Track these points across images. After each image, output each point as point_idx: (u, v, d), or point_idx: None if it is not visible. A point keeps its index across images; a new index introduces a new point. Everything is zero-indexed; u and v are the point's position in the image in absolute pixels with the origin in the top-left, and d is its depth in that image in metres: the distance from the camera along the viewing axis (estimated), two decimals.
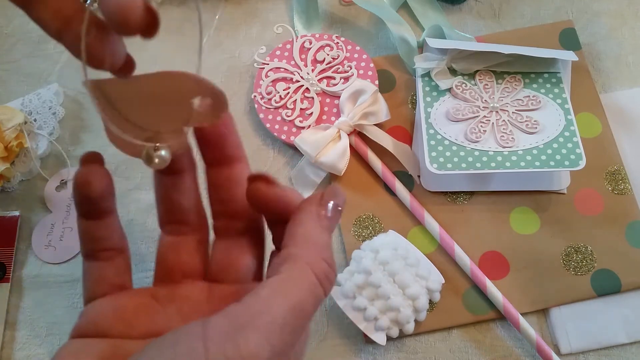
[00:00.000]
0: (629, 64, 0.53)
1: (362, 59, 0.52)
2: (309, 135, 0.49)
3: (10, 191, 0.52)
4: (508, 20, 0.55)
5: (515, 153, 0.45)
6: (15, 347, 0.48)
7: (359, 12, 0.56)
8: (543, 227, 0.47)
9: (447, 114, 0.48)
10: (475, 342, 0.45)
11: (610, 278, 0.45)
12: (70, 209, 0.51)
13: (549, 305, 0.45)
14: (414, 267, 0.43)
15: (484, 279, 0.45)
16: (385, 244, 0.44)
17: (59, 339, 0.48)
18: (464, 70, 0.50)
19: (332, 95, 0.51)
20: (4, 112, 0.51)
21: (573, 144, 0.45)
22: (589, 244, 0.46)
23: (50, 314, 0.48)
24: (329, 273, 0.24)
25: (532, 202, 0.48)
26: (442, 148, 0.46)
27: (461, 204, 0.48)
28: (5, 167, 0.50)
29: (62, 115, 0.53)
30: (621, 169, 0.48)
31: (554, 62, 0.49)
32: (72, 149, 0.53)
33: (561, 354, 0.44)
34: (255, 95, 0.52)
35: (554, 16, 0.55)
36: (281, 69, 0.52)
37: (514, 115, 0.47)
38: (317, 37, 0.53)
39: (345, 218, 0.49)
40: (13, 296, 0.49)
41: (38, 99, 0.53)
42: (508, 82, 0.49)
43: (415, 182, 0.49)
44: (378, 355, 0.45)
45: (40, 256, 0.50)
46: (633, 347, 0.45)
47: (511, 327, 0.45)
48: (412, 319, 0.43)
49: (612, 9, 0.55)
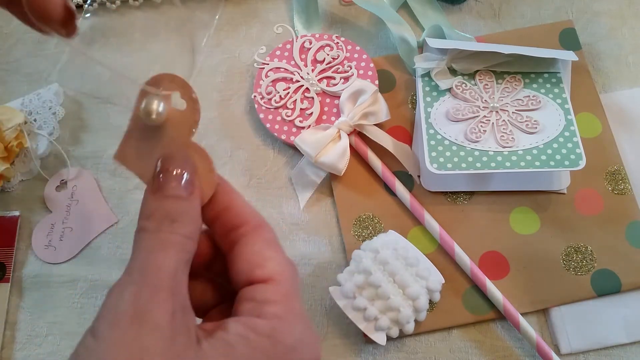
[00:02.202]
0: (629, 64, 0.53)
1: (362, 59, 0.52)
2: (309, 135, 0.49)
3: (10, 191, 0.52)
4: (508, 20, 0.55)
5: (515, 153, 0.45)
6: (15, 347, 0.48)
7: (359, 12, 0.56)
8: (543, 227, 0.47)
9: (447, 114, 0.48)
10: (475, 342, 0.45)
11: (610, 278, 0.45)
12: (70, 209, 0.51)
13: (549, 305, 0.45)
14: (414, 267, 0.43)
15: (484, 279, 0.45)
16: (385, 244, 0.44)
17: (59, 339, 0.48)
18: (464, 70, 0.50)
19: (332, 95, 0.51)
20: (4, 112, 0.51)
21: (573, 144, 0.45)
22: (589, 244, 0.46)
23: (50, 314, 0.48)
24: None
25: (532, 202, 0.48)
26: (442, 148, 0.46)
27: (461, 204, 0.48)
28: (5, 167, 0.50)
29: (62, 115, 0.53)
30: (621, 169, 0.48)
31: (554, 62, 0.49)
32: (72, 149, 0.53)
33: (561, 354, 0.44)
34: (255, 95, 0.52)
35: (554, 16, 0.55)
36: (281, 69, 0.52)
37: (514, 115, 0.47)
38: (317, 37, 0.53)
39: (345, 218, 0.49)
40: (13, 296, 0.49)
41: (38, 99, 0.53)
42: (508, 82, 0.49)
43: (415, 182, 0.49)
44: (378, 355, 0.45)
45: (40, 256, 0.50)
46: (633, 347, 0.45)
47: (511, 327, 0.45)
48: (412, 319, 0.43)
49: (612, 9, 0.55)
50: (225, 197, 0.27)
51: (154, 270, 0.23)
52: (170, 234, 0.24)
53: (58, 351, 0.47)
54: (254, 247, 0.26)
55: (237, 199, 0.28)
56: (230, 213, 0.27)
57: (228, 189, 0.28)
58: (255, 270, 0.26)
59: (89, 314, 0.48)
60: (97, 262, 0.49)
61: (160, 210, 0.24)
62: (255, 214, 0.28)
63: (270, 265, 0.26)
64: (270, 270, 0.26)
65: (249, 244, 0.26)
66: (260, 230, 0.27)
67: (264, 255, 0.26)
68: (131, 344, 0.21)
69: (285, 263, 0.27)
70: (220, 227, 0.27)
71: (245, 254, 0.26)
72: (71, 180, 0.52)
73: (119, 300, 0.22)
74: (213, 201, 0.27)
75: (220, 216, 0.27)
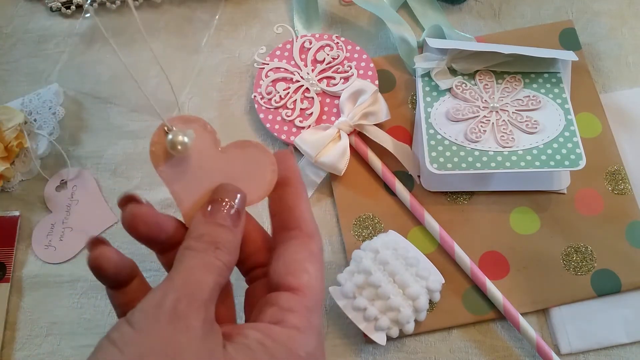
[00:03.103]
0: (629, 64, 0.53)
1: (362, 59, 0.52)
2: (309, 135, 0.49)
3: (10, 191, 0.52)
4: (508, 20, 0.55)
5: (515, 153, 0.45)
6: (15, 347, 0.48)
7: (359, 12, 0.56)
8: (543, 227, 0.47)
9: (447, 114, 0.48)
10: (475, 342, 0.45)
11: (610, 278, 0.45)
12: (70, 209, 0.51)
13: (549, 305, 0.45)
14: (414, 267, 0.43)
15: (484, 279, 0.45)
16: (385, 244, 0.44)
17: (59, 339, 0.48)
18: (464, 70, 0.50)
19: (332, 95, 0.51)
20: (4, 112, 0.51)
21: (573, 144, 0.45)
22: (589, 244, 0.46)
23: (50, 314, 0.48)
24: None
25: (532, 202, 0.48)
26: (442, 148, 0.46)
27: (461, 204, 0.48)
28: (5, 167, 0.50)
29: (62, 115, 0.53)
30: (621, 169, 0.48)
31: (554, 62, 0.49)
32: (72, 149, 0.53)
33: (561, 354, 0.44)
34: (255, 95, 0.52)
35: (554, 16, 0.55)
36: (281, 69, 0.52)
37: (514, 115, 0.47)
38: (317, 37, 0.53)
39: (345, 218, 0.49)
40: (13, 296, 0.49)
41: (38, 99, 0.53)
42: (508, 82, 0.49)
43: (415, 182, 0.49)
44: (378, 355, 0.45)
45: (40, 256, 0.50)
46: (633, 347, 0.45)
47: (511, 327, 0.45)
48: (412, 319, 0.43)
49: (612, 9, 0.55)
50: (292, 198, 0.30)
51: (195, 284, 0.25)
52: (214, 258, 0.26)
53: (58, 351, 0.47)
54: (297, 255, 0.28)
55: (303, 204, 0.30)
56: (291, 214, 0.29)
57: (298, 191, 0.30)
58: (288, 276, 0.27)
59: (89, 314, 0.48)
60: None
61: (208, 235, 0.27)
62: (311, 223, 0.29)
63: (304, 277, 0.28)
64: (301, 282, 0.27)
65: (294, 249, 0.28)
66: (309, 240, 0.29)
67: (303, 266, 0.28)
68: (167, 339, 0.24)
69: (318, 279, 0.28)
70: (277, 222, 0.30)
71: (286, 257, 0.28)
72: (71, 180, 0.52)
73: (161, 300, 0.25)
74: (282, 197, 0.30)
75: (281, 212, 0.30)
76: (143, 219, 0.28)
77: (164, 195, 0.51)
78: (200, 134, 0.30)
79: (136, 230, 0.28)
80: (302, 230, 0.29)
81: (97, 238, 0.29)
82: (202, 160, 0.29)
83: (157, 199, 0.50)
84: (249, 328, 0.26)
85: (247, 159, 0.29)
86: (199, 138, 0.29)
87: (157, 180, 0.51)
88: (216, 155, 0.30)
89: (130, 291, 0.30)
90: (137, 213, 0.28)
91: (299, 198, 0.30)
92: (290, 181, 0.30)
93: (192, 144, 0.29)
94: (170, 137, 0.28)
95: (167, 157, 0.29)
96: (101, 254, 0.28)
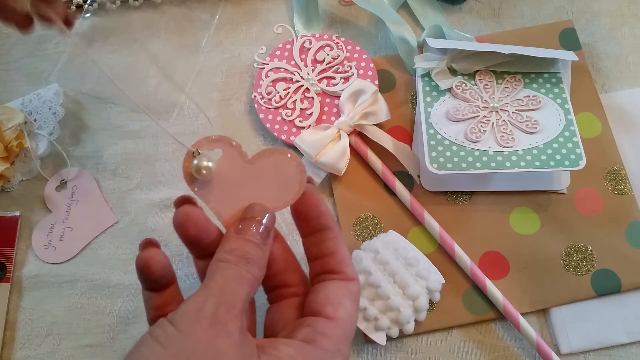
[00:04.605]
0: (629, 64, 0.53)
1: (362, 59, 0.52)
2: (309, 135, 0.49)
3: (10, 191, 0.52)
4: (508, 20, 0.55)
5: (515, 153, 0.45)
6: (15, 347, 0.48)
7: (359, 12, 0.56)
8: (543, 227, 0.47)
9: (447, 114, 0.48)
10: (475, 342, 0.45)
11: (610, 278, 0.45)
12: (70, 209, 0.51)
13: (549, 305, 0.45)
14: (414, 267, 0.43)
15: (484, 279, 0.45)
16: (385, 244, 0.44)
17: (59, 339, 0.48)
18: (464, 70, 0.50)
19: (332, 95, 0.51)
20: (4, 112, 0.51)
21: (573, 144, 0.45)
22: (589, 244, 0.46)
23: (50, 314, 0.48)
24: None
25: (532, 202, 0.48)
26: (442, 148, 0.46)
27: (461, 204, 0.48)
28: (5, 167, 0.50)
29: (62, 115, 0.53)
30: (621, 169, 0.48)
31: (554, 62, 0.49)
32: (72, 149, 0.53)
33: (561, 354, 0.44)
34: (255, 95, 0.52)
35: (554, 16, 0.55)
36: (281, 69, 0.52)
37: (514, 115, 0.47)
38: (317, 37, 0.53)
39: (345, 218, 0.49)
40: (13, 296, 0.49)
41: (38, 99, 0.53)
42: (508, 82, 0.49)
43: (415, 182, 0.49)
44: (378, 355, 0.45)
45: (40, 256, 0.50)
46: (633, 347, 0.45)
47: (511, 327, 0.45)
48: (412, 319, 0.43)
49: (612, 9, 0.55)
50: (332, 243, 0.32)
51: (231, 293, 0.27)
52: (246, 271, 0.28)
53: (58, 351, 0.47)
54: (338, 291, 0.31)
55: (343, 249, 0.32)
56: (332, 259, 0.32)
57: (337, 235, 0.32)
58: (327, 306, 0.30)
59: (89, 314, 0.48)
60: (97, 262, 0.49)
61: (239, 250, 0.29)
62: (352, 268, 0.32)
63: (340, 310, 0.30)
64: (338, 314, 0.30)
65: (335, 285, 0.31)
66: (351, 283, 0.31)
67: (342, 302, 0.30)
68: (208, 342, 0.25)
69: (352, 315, 0.31)
70: (319, 266, 0.32)
71: (328, 291, 0.30)
72: (71, 180, 0.52)
73: (202, 305, 0.26)
74: (321, 242, 0.32)
75: (322, 257, 0.32)
76: (195, 221, 0.30)
77: (164, 195, 0.51)
78: (227, 150, 0.32)
79: (186, 230, 0.30)
80: (346, 275, 0.31)
81: (150, 240, 0.31)
82: (232, 174, 0.31)
83: (157, 199, 0.51)
84: (282, 343, 0.28)
85: (274, 167, 0.31)
86: (225, 154, 0.31)
87: (157, 180, 0.52)
88: (245, 168, 0.31)
89: (166, 295, 0.31)
90: (191, 215, 0.30)
91: (339, 242, 0.32)
92: (327, 226, 0.32)
93: (220, 161, 0.31)
94: (195, 162, 0.31)
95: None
96: (152, 256, 0.30)
